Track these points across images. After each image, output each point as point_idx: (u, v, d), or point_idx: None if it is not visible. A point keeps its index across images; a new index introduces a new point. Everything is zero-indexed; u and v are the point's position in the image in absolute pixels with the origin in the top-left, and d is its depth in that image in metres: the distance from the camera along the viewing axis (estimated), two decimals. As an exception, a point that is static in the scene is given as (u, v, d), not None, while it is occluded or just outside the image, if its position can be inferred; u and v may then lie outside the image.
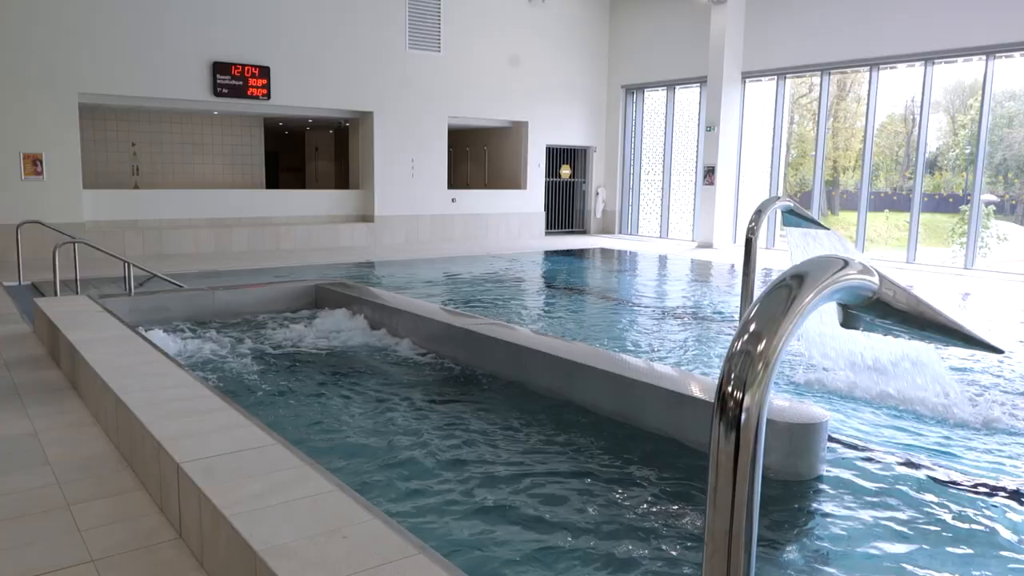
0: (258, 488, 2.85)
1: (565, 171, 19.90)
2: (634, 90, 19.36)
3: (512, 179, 19.01)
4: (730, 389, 1.07)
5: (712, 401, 1.13)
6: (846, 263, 1.21)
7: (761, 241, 16.09)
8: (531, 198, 18.81)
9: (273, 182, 19.96)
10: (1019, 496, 3.59)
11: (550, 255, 15.02)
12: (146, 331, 6.33)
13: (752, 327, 1.09)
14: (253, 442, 3.36)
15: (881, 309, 1.20)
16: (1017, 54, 12.87)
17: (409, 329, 6.67)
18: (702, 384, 4.26)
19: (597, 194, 19.94)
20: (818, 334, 5.40)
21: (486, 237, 17.88)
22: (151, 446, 3.38)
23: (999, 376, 5.89)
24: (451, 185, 17.89)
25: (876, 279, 1.18)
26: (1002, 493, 3.62)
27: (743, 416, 1.06)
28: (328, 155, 21.75)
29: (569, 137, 19.30)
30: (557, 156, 19.60)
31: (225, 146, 16.95)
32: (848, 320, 1.34)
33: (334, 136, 21.20)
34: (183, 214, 14.49)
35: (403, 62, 16.21)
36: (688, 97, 18.31)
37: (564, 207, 20.08)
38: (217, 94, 14.08)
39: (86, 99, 13.24)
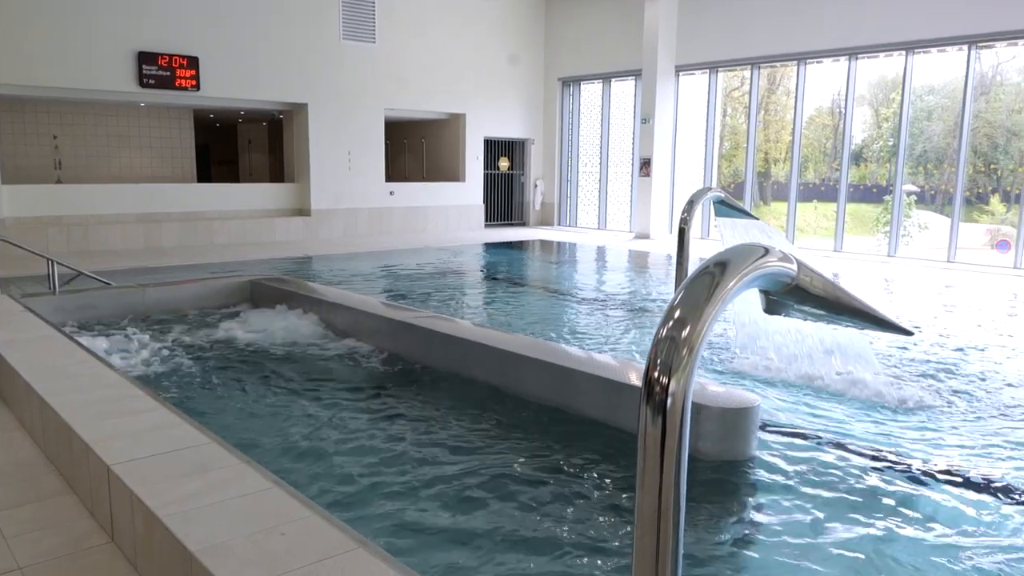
0: (193, 488, 2.80)
1: (503, 163, 19.94)
2: (570, 83, 19.50)
3: (450, 172, 18.96)
4: (656, 375, 1.10)
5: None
6: (767, 251, 1.26)
7: (695, 231, 16.44)
8: (470, 190, 18.79)
9: (205, 175, 19.45)
10: (939, 471, 3.77)
11: (489, 247, 15.04)
12: (72, 331, 6.12)
13: (677, 314, 1.13)
14: (187, 441, 3.29)
15: (800, 295, 1.25)
16: (934, 50, 13.41)
17: (348, 324, 6.61)
18: (638, 371, 4.34)
19: (536, 186, 20.03)
20: (751, 321, 5.56)
21: (425, 230, 17.80)
22: (79, 449, 3.28)
23: (919, 358, 6.16)
24: (389, 178, 17.73)
25: (795, 266, 1.23)
26: (923, 469, 3.80)
27: (669, 400, 1.09)
28: (262, 148, 21.30)
29: (507, 129, 19.33)
30: (495, 148, 19.62)
31: (153, 139, 16.44)
32: (771, 306, 1.39)
33: (268, 128, 20.76)
34: (110, 209, 14.01)
35: (337, 53, 15.98)
36: (624, 90, 18.53)
37: (503, 199, 20.12)
38: (143, 85, 13.63)
39: (4, 90, 12.67)
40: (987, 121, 15.81)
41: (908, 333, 1.49)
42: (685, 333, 1.11)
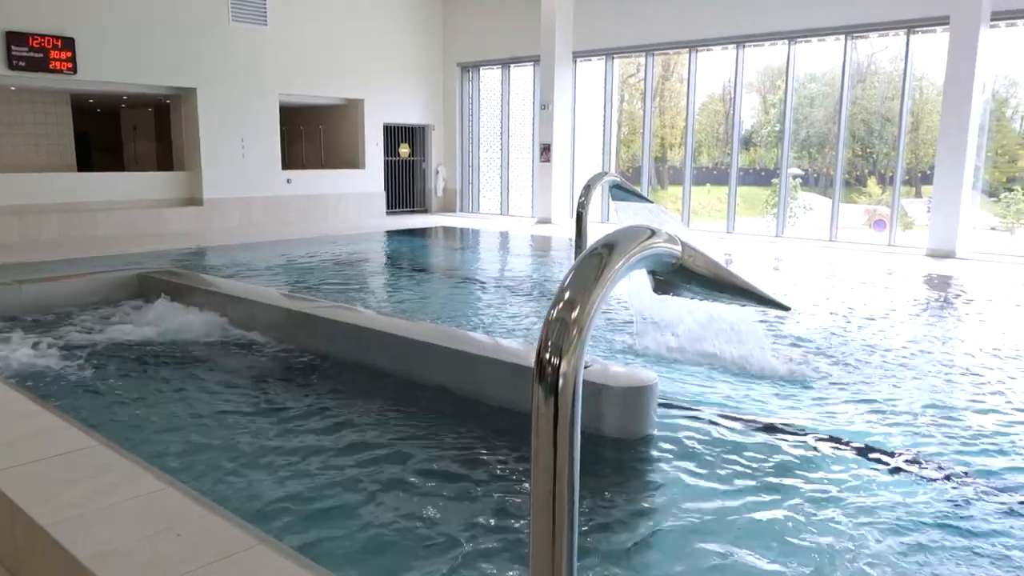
0: (81, 494, 2.67)
1: (404, 150, 19.72)
2: (470, 68, 19.44)
3: (350, 158, 18.60)
4: (547, 356, 1.12)
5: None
6: (653, 233, 1.30)
7: (595, 215, 16.76)
8: (370, 178, 18.50)
9: (86, 164, 18.37)
10: (826, 438, 4.00)
11: (392, 235, 14.88)
12: (-61, 332, 5.69)
13: (566, 295, 1.15)
14: (73, 445, 3.13)
15: (685, 275, 1.30)
16: (815, 39, 14.07)
17: (245, 316, 6.41)
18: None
19: (437, 172, 19.92)
20: (649, 301, 5.72)
21: (325, 218, 17.42)
22: (-50, 458, 3.07)
23: (805, 332, 6.51)
24: (285, 165, 17.23)
25: (679, 247, 1.27)
26: (811, 436, 4.02)
27: (560, 381, 1.12)
28: (148, 135, 20.28)
29: (407, 115, 19.11)
30: (395, 135, 19.36)
31: (27, 124, 15.39)
32: (659, 286, 1.44)
33: (154, 114, 19.78)
34: (-21, 201, 13.06)
35: (226, 36, 15.37)
36: (523, 76, 18.62)
37: (404, 186, 19.91)
38: (13, 67, 12.72)
39: None
40: (863, 108, 16.73)
41: (786, 308, 1.56)
42: (575, 314, 1.13)
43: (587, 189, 4.04)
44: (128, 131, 20.48)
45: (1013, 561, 2.81)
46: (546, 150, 17.08)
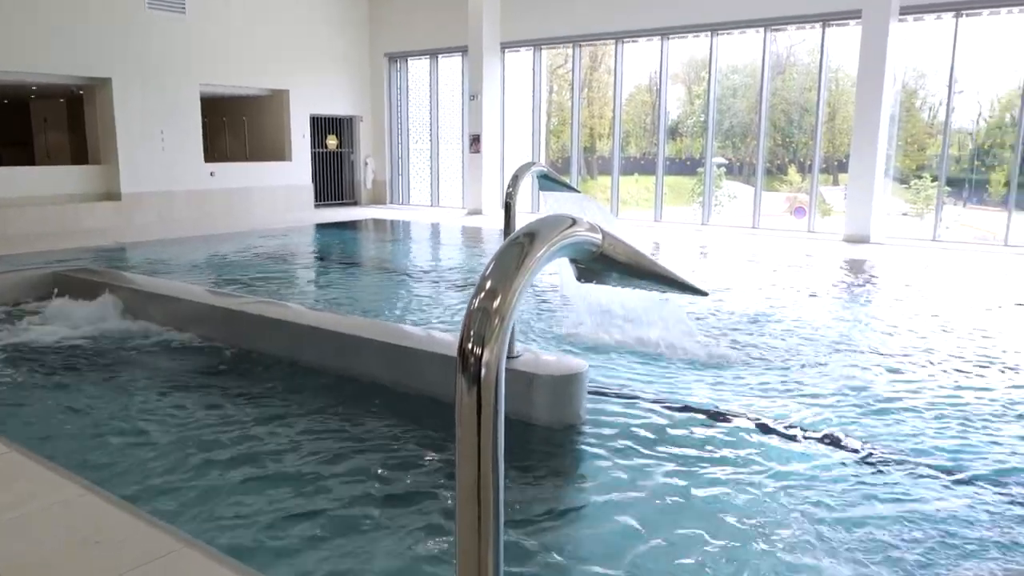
0: (-11, 503, 2.55)
1: (332, 141, 19.38)
2: (397, 58, 19.22)
3: (276, 151, 18.18)
4: (469, 346, 1.12)
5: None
6: (574, 221, 1.31)
7: (526, 205, 16.82)
8: (297, 170, 18.12)
9: (-8, 159, 17.46)
10: (750, 419, 4.12)
11: (321, 228, 14.63)
12: None
13: (487, 285, 1.15)
14: (-19, 453, 2.99)
15: (606, 263, 1.32)
16: (736, 32, 14.41)
17: (168, 314, 6.22)
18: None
19: (366, 164, 19.66)
20: (579, 291, 5.78)
21: (251, 212, 17.00)
22: None
23: (729, 318, 6.68)
24: (209, 158, 16.73)
25: (599, 236, 1.28)
26: (738, 418, 4.13)
27: (483, 371, 1.11)
28: (61, 127, 19.41)
29: (333, 106, 18.78)
30: (322, 126, 19.02)
31: (-75, 117, 14.54)
32: (582, 275, 1.45)
33: (67, 106, 18.93)
34: None
35: (143, 24, 14.80)
36: (451, 66, 18.52)
37: (333, 179, 19.58)
38: (-92, 56, 12.00)
39: None
40: (783, 98, 17.23)
41: (703, 294, 1.60)
42: (496, 303, 1.13)
43: (515, 179, 4.05)
44: (39, 123, 19.57)
45: (919, 523, 2.95)
46: (476, 141, 17.05)
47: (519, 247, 1.19)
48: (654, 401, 4.38)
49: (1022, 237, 12.53)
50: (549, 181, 4.39)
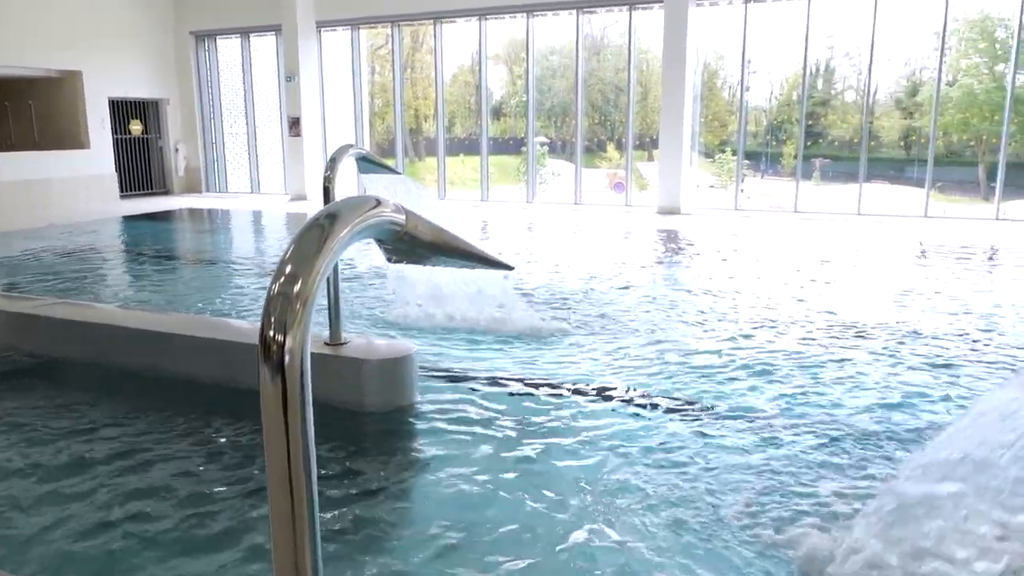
0: None
1: (136, 127, 17.97)
2: (205, 37, 18.10)
3: (71, 138, 16.58)
4: (271, 333, 1.09)
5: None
6: (378, 202, 1.30)
7: (350, 189, 16.48)
8: (98, 158, 16.64)
9: None
10: (582, 388, 4.30)
11: (130, 221, 13.59)
12: None
13: (288, 269, 1.12)
14: None
15: (411, 242, 1.32)
16: (550, 13, 14.81)
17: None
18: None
19: (176, 150, 18.41)
20: (405, 272, 5.76)
21: (46, 206, 15.44)
22: None
23: (557, 292, 6.93)
24: (-11, 147, 15.01)
25: (403, 216, 1.28)
26: (565, 387, 4.30)
27: (287, 357, 1.09)
28: None
29: (135, 89, 17.39)
30: (124, 110, 17.58)
31: None
32: (390, 255, 1.45)
33: None
34: None
35: None
36: (265, 46, 17.69)
37: (140, 167, 18.18)
38: None
39: None
40: (599, 79, 17.93)
41: (509, 268, 1.65)
42: (297, 288, 1.11)
43: (332, 163, 3.95)
44: None
45: (743, 467, 3.22)
46: (295, 124, 16.45)
47: (320, 229, 1.17)
48: (485, 377, 4.46)
49: (808, 204, 13.89)
50: (369, 163, 4.32)
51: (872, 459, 3.37)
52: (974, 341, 5.30)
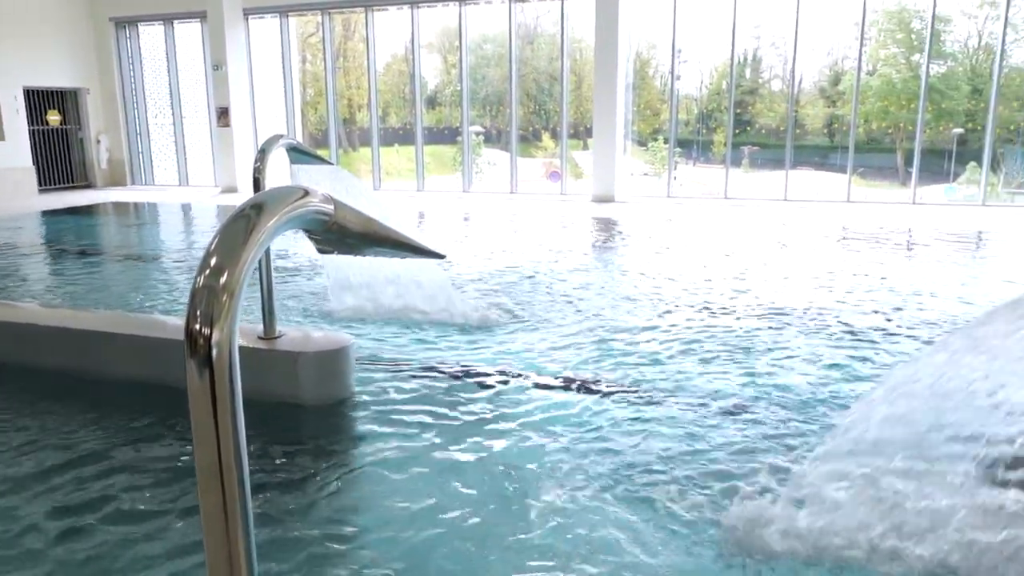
0: None
1: (53, 117, 17.23)
2: (126, 24, 17.45)
3: (-17, 129, 15.83)
4: (197, 326, 1.07)
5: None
6: (306, 192, 1.29)
7: (282, 181, 16.17)
8: (13, 151, 15.91)
9: None
10: (517, 375, 4.33)
11: (50, 216, 13.04)
12: None
13: (213, 261, 1.10)
14: None
15: (341, 232, 1.31)
16: (483, 2, 14.76)
17: None
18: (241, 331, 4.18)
19: (99, 142, 17.73)
20: (343, 265, 5.69)
21: (-43, 202, 14.72)
22: None
23: (492, 281, 6.94)
24: None
25: (332, 206, 1.27)
26: (504, 375, 4.32)
27: (214, 351, 1.07)
28: None
29: (51, 78, 16.66)
30: (40, 100, 16.83)
31: None
32: (321, 246, 1.43)
33: None
34: None
35: None
36: (190, 33, 17.17)
37: (59, 159, 17.45)
38: None
39: None
40: (534, 68, 17.97)
41: (440, 256, 1.65)
42: (223, 280, 1.09)
43: (262, 153, 3.87)
44: None
45: (680, 445, 3.30)
46: (224, 114, 16.03)
47: (246, 220, 1.15)
48: (423, 368, 4.45)
49: (738, 190, 14.23)
50: (300, 154, 4.25)
51: (802, 432, 3.49)
52: (887, 320, 5.53)
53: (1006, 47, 12.62)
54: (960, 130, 16.20)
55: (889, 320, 5.55)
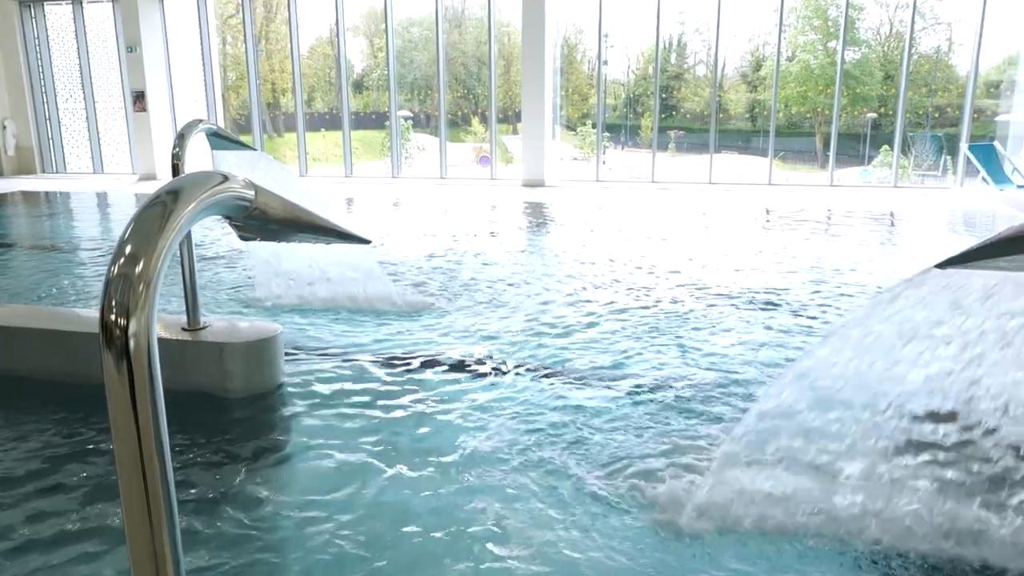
0: None
1: (-46, 102, 16.30)
2: (31, 4, 16.58)
3: None
4: (113, 317, 1.04)
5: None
6: (225, 178, 1.26)
7: (203, 168, 15.69)
8: (-91, 138, 15.02)
9: None
10: (452, 361, 4.32)
11: (-49, 206, 12.35)
12: None
13: (128, 249, 1.07)
14: None
15: (263, 218, 1.29)
16: (409, -16, 14.56)
17: None
18: (163, 323, 4.05)
19: (4, 128, 16.84)
20: (270, 254, 5.58)
21: None
22: None
23: (422, 266, 6.91)
24: None
25: (252, 192, 1.25)
26: (434, 360, 4.31)
27: (131, 342, 1.04)
28: None
29: (-50, 60, 15.76)
30: (-62, 83, 15.89)
31: None
32: (242, 233, 1.40)
33: None
34: None
35: None
36: (101, 14, 16.43)
37: (-39, 146, 16.53)
38: None
39: None
40: (462, 52, 17.86)
41: (366, 242, 1.64)
42: (139, 268, 1.06)
43: (181, 139, 3.74)
44: None
45: (609, 425, 3.35)
46: (140, 98, 15.43)
47: (162, 206, 1.12)
48: (352, 356, 4.41)
49: (665, 174, 14.48)
50: (221, 140, 4.13)
51: (727, 411, 3.60)
52: (813, 293, 5.74)
53: (915, 35, 13.17)
54: (874, 115, 16.86)
55: (814, 294, 5.76)
